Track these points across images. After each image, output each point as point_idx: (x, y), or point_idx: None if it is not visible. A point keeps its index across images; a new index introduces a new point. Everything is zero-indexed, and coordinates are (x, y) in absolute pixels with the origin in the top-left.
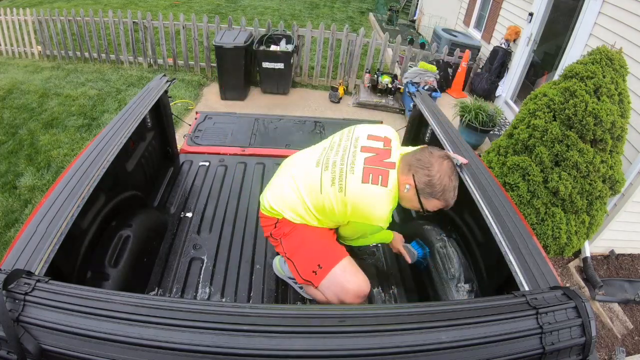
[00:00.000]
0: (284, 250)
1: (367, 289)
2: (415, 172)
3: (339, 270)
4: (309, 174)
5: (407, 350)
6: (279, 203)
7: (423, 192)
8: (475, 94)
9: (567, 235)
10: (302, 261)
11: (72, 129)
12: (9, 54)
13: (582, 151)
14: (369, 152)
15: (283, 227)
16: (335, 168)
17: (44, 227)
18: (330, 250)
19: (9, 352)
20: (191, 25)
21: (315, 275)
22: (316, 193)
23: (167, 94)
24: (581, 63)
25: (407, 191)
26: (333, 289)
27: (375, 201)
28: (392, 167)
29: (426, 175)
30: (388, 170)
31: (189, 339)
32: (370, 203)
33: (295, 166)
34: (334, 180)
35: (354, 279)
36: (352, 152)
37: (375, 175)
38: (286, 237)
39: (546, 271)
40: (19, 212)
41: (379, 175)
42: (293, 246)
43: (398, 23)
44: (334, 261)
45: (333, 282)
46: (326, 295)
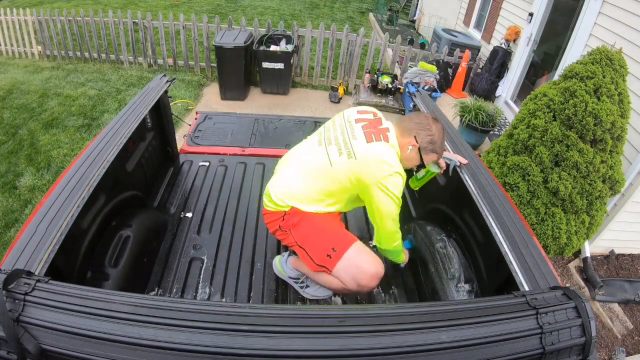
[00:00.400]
0: (294, 240)
1: (382, 270)
2: (417, 134)
3: (354, 252)
4: (314, 153)
5: (408, 351)
6: (287, 195)
7: (425, 149)
8: (475, 94)
9: (567, 235)
10: (315, 246)
11: (72, 129)
12: (9, 54)
13: (582, 151)
14: (363, 122)
15: (291, 218)
16: (338, 140)
17: (44, 227)
18: (342, 234)
19: (9, 352)
20: (191, 25)
21: (330, 259)
22: (327, 170)
23: (167, 94)
24: (581, 63)
25: (409, 151)
26: (350, 271)
27: (384, 154)
28: (387, 131)
29: (429, 135)
30: (386, 132)
31: (189, 339)
32: (381, 157)
33: (297, 157)
34: (341, 150)
35: (370, 258)
36: (349, 126)
37: (377, 134)
38: (296, 226)
39: (546, 271)
40: (19, 212)
41: (379, 134)
42: (304, 234)
43: (398, 23)
44: (348, 243)
45: (349, 264)
46: (342, 278)
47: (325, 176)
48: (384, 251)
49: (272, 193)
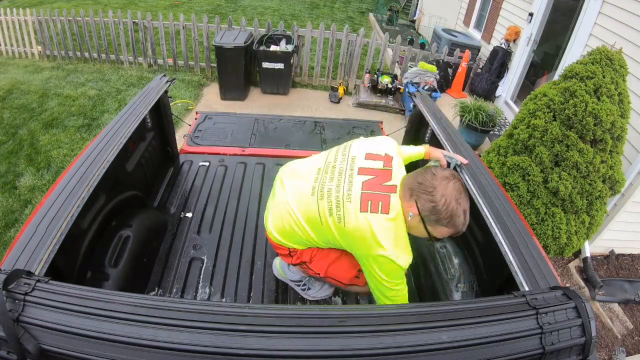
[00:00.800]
0: (315, 273)
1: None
2: (417, 198)
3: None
4: (305, 203)
5: (408, 351)
6: (285, 237)
7: (428, 219)
8: (475, 94)
9: (567, 235)
10: (340, 274)
11: (72, 129)
12: (9, 54)
13: (582, 151)
14: (367, 174)
15: (300, 255)
16: (330, 197)
17: (44, 227)
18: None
19: (9, 352)
20: (191, 25)
21: (359, 279)
22: (318, 224)
23: (167, 94)
24: (581, 63)
25: (411, 219)
26: None
27: (378, 232)
28: (393, 191)
29: (430, 201)
30: (389, 195)
31: (188, 339)
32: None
33: (291, 193)
34: (332, 210)
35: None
36: (349, 176)
37: (375, 202)
38: (311, 262)
39: (546, 271)
40: (19, 212)
41: (378, 201)
42: (323, 267)
43: (398, 23)
44: None
45: None
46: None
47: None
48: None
49: (270, 229)
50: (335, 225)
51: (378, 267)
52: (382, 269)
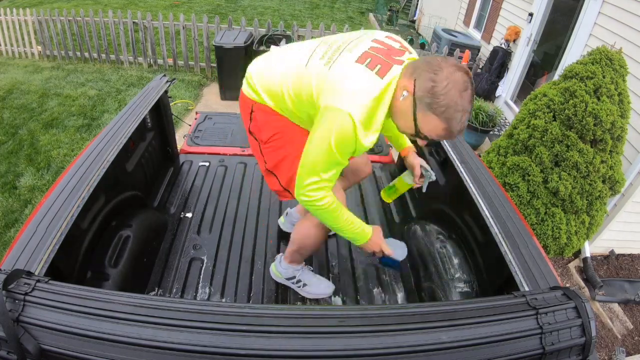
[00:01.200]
0: (264, 161)
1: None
2: (418, 76)
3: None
4: (303, 47)
5: (408, 351)
6: (258, 77)
7: (421, 101)
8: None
9: (567, 235)
10: (284, 172)
11: (72, 129)
12: (9, 54)
13: (582, 151)
14: (379, 44)
15: (258, 116)
16: (333, 45)
17: (44, 227)
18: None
19: (9, 352)
20: (191, 25)
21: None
22: (301, 68)
23: (167, 94)
24: (581, 63)
25: (403, 99)
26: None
27: (359, 86)
28: (398, 63)
29: (430, 80)
30: (391, 64)
31: (188, 339)
32: (351, 87)
33: (291, 46)
34: (326, 53)
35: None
36: (360, 39)
37: (374, 62)
38: (266, 144)
39: (546, 271)
40: (19, 212)
41: (377, 63)
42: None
43: (398, 23)
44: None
45: None
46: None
47: (300, 73)
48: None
49: (248, 71)
50: (319, 70)
51: (328, 127)
52: (334, 134)
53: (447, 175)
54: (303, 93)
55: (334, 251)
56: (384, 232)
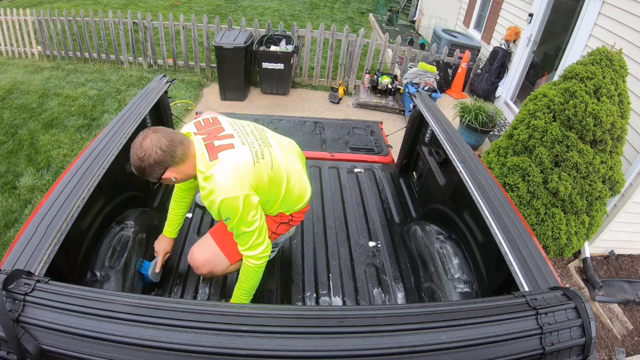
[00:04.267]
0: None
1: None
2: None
3: None
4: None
5: (407, 351)
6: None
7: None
8: (475, 95)
9: (567, 235)
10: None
11: (72, 129)
12: (9, 54)
13: (582, 152)
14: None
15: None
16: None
17: (44, 227)
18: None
19: (9, 353)
20: (191, 25)
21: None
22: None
23: (167, 95)
24: (581, 64)
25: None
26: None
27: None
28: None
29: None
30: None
31: (188, 339)
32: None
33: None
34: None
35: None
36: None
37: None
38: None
39: (546, 272)
40: (19, 212)
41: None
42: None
43: (398, 24)
44: None
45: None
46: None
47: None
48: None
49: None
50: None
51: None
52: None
53: (447, 175)
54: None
55: (334, 251)
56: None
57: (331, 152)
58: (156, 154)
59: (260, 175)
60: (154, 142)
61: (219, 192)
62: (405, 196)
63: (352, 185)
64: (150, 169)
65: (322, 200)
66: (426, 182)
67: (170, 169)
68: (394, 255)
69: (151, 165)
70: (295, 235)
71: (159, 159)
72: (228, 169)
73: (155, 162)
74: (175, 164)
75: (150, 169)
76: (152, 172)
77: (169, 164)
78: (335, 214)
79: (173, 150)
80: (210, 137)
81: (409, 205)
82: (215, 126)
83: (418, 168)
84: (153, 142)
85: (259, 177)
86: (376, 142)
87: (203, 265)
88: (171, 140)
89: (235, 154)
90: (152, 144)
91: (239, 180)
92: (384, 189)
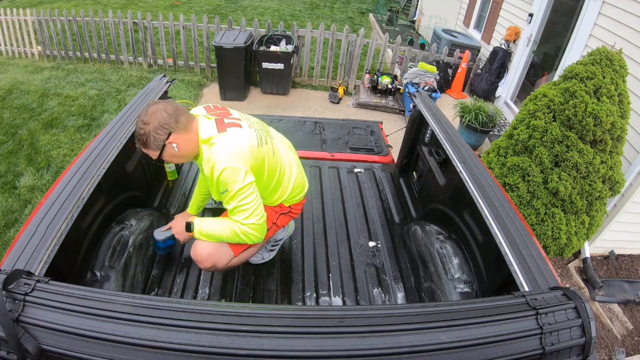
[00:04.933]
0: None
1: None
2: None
3: None
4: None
5: (407, 351)
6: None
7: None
8: (475, 95)
9: (567, 235)
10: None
11: (72, 129)
12: (9, 54)
13: (582, 152)
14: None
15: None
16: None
17: (44, 227)
18: None
19: (9, 353)
20: (191, 25)
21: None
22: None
23: (167, 95)
24: (581, 64)
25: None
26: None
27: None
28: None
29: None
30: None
31: (188, 339)
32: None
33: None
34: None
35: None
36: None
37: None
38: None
39: (546, 272)
40: (19, 212)
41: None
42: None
43: (398, 24)
44: None
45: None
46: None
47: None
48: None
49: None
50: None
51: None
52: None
53: (447, 175)
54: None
55: (334, 251)
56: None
57: (331, 152)
58: (161, 115)
59: (262, 158)
60: (160, 107)
61: (222, 160)
62: (405, 196)
63: (352, 185)
64: (155, 132)
65: (322, 200)
66: (426, 182)
67: (174, 134)
68: (394, 255)
69: (155, 129)
70: (295, 235)
71: (163, 121)
72: (234, 142)
73: (159, 125)
74: (178, 130)
75: (155, 132)
76: (156, 136)
77: (173, 128)
78: (335, 214)
79: (178, 115)
80: (220, 117)
81: (409, 205)
82: (224, 111)
83: (418, 168)
84: (159, 107)
85: (260, 159)
86: (376, 142)
87: (206, 259)
88: (176, 107)
89: (242, 132)
90: (157, 108)
91: (242, 154)
92: (384, 189)
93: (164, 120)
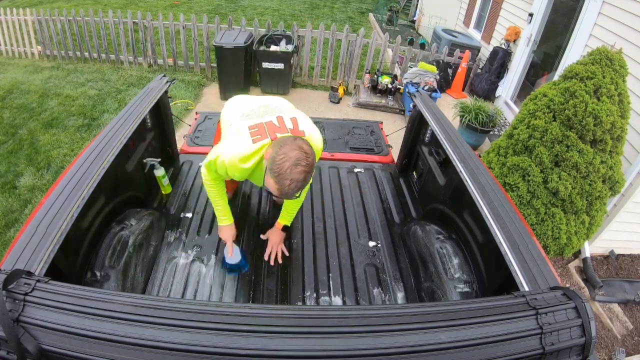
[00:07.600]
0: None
1: None
2: (272, 148)
3: None
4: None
5: (407, 351)
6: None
7: (267, 165)
8: (475, 95)
9: (567, 235)
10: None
11: (72, 129)
12: (9, 54)
13: (582, 152)
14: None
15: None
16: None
17: (44, 227)
18: None
19: (9, 352)
20: (191, 25)
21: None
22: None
23: (167, 94)
24: (581, 63)
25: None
26: None
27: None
28: (273, 138)
29: (275, 152)
30: (268, 137)
31: (188, 339)
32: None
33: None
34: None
35: None
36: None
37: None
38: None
39: (546, 271)
40: (19, 212)
41: (259, 134)
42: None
43: (398, 23)
44: None
45: None
46: None
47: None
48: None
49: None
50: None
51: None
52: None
53: (447, 175)
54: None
55: (334, 251)
56: (384, 231)
57: (331, 152)
58: (312, 152)
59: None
60: (304, 146)
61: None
62: (405, 196)
63: (352, 185)
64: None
65: (322, 200)
66: (426, 182)
67: None
68: (394, 255)
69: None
70: (295, 235)
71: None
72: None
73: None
74: None
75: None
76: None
77: None
78: (335, 214)
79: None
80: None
81: (409, 205)
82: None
83: (418, 168)
84: (304, 146)
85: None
86: (376, 142)
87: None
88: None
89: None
90: (306, 146)
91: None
92: (384, 188)
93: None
